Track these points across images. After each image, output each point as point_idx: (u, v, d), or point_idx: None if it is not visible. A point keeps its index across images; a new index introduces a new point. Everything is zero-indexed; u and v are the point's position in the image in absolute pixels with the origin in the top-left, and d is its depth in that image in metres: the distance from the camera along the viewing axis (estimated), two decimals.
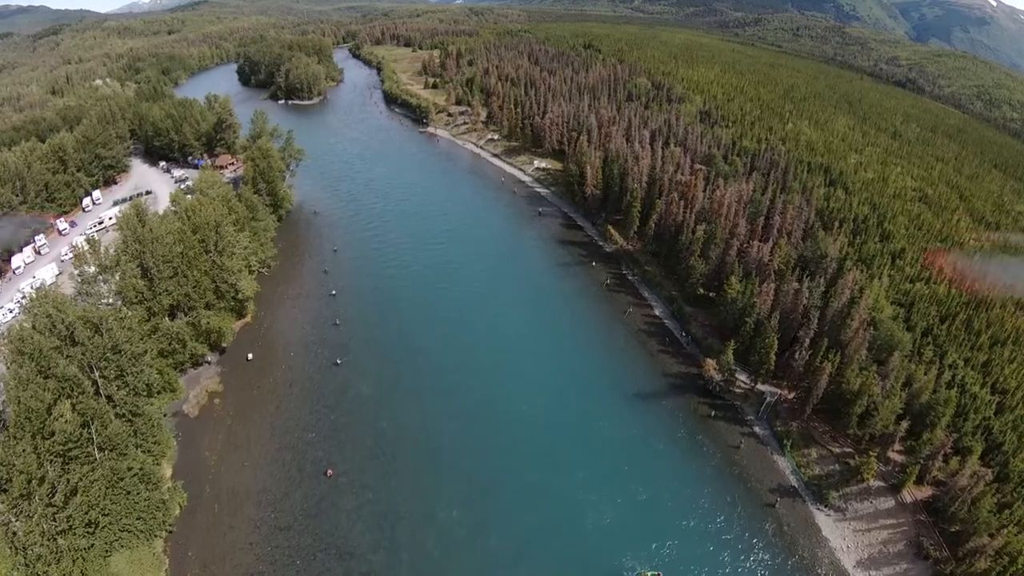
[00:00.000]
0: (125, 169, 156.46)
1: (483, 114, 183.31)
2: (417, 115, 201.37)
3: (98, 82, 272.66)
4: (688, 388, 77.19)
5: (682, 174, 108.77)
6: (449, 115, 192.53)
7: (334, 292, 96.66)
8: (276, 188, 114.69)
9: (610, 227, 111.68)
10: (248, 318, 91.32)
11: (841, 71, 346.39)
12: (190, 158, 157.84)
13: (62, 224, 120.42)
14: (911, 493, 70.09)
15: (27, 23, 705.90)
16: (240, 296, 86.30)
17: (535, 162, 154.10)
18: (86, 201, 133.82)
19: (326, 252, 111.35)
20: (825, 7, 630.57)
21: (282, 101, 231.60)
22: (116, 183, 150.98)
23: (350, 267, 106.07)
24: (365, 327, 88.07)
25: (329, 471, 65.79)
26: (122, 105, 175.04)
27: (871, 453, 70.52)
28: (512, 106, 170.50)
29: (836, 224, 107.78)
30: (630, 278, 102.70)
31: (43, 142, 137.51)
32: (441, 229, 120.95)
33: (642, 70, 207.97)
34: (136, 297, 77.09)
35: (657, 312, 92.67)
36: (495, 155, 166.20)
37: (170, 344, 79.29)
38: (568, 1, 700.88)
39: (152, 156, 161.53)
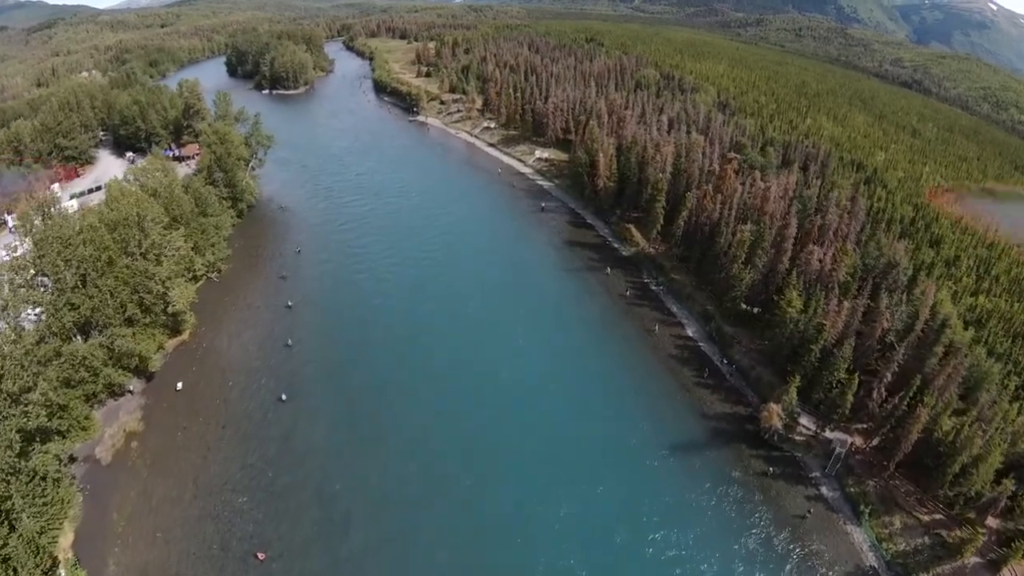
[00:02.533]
0: (90, 160, 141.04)
1: (479, 101, 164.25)
2: (407, 103, 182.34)
3: (84, 74, 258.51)
4: (736, 435, 58.52)
5: (711, 164, 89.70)
6: (442, 103, 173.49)
7: (290, 303, 77.70)
8: (236, 178, 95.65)
9: (631, 227, 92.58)
10: (185, 335, 72.55)
11: (847, 71, 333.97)
12: (156, 148, 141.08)
13: (12, 221, 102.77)
14: (1012, 570, 52.77)
15: (23, 17, 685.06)
16: (171, 309, 67.38)
17: (536, 152, 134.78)
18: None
19: (289, 254, 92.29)
20: (826, 9, 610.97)
21: (266, 91, 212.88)
22: (79, 175, 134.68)
23: (314, 273, 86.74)
24: (323, 351, 69.05)
25: (260, 555, 47.45)
26: (91, 92, 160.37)
27: (976, 528, 52.99)
28: (511, 91, 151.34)
29: (884, 226, 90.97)
30: (654, 288, 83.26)
31: None
32: (424, 228, 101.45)
33: (649, 62, 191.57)
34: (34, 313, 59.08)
35: (690, 332, 73.61)
36: (491, 144, 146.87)
37: (77, 372, 60.73)
38: (568, 0, 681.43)
39: (121, 147, 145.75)
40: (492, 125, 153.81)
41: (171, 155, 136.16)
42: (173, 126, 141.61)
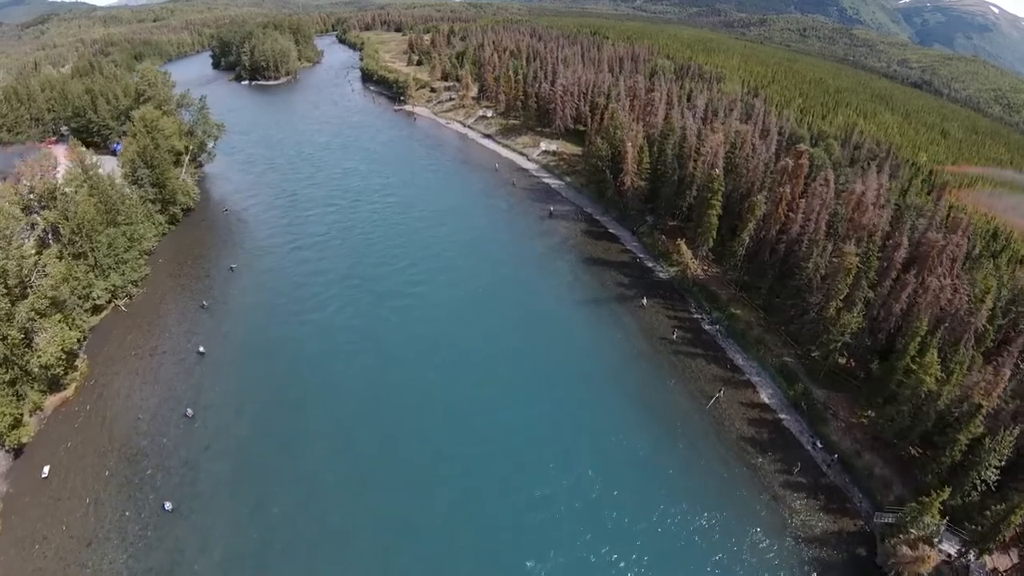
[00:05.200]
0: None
1: (474, 89, 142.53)
2: (394, 92, 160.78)
3: (66, 68, 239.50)
4: (844, 566, 38.04)
5: (778, 160, 67.61)
6: (432, 91, 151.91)
7: (202, 350, 56.08)
8: (166, 177, 74.76)
9: (680, 242, 68.77)
10: (70, 391, 52.06)
11: (857, 71, 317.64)
12: (108, 142, 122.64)
13: None
14: None
15: (20, 14, 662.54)
16: (39, 361, 46.86)
17: (542, 144, 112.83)
18: None
19: (219, 274, 70.60)
20: (828, 10, 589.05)
21: (246, 82, 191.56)
22: None
23: (245, 304, 64.29)
24: (233, 429, 47.04)
25: None
26: (49, 83, 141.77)
27: None
28: (512, 74, 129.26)
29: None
30: (708, 328, 60.23)
31: None
32: (402, 246, 78.38)
33: (661, 53, 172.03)
34: None
35: (764, 397, 50.89)
36: (487, 136, 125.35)
37: None
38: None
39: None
40: (489, 114, 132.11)
41: (121, 150, 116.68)
42: (125, 117, 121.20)
